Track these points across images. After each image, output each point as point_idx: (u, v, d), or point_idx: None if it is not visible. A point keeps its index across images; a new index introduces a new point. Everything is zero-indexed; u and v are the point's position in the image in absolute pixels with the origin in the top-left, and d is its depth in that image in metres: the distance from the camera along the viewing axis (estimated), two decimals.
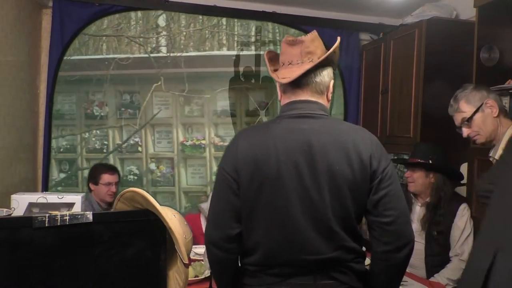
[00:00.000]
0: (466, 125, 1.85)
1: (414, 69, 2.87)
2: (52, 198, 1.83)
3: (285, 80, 1.33)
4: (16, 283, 1.14)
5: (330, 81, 1.39)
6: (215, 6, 3.38)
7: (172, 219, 1.30)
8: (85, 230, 1.22)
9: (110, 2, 3.21)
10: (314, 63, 1.32)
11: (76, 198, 1.86)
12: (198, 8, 3.37)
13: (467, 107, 1.84)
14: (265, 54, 1.46)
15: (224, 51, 3.51)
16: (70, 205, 1.85)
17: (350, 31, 3.63)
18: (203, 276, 1.99)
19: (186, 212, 3.30)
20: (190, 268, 1.91)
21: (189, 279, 1.47)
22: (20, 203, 1.81)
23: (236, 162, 1.29)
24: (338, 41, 1.36)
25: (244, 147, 1.30)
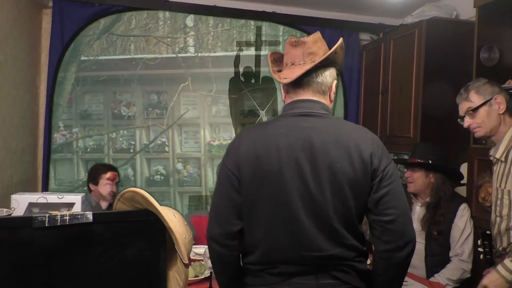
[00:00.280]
0: (470, 115, 1.85)
1: (414, 69, 2.87)
2: (52, 198, 1.83)
3: (285, 80, 1.34)
4: (16, 283, 1.14)
5: (333, 81, 1.39)
6: (215, 6, 3.38)
7: (172, 219, 1.30)
8: (85, 230, 1.22)
9: (110, 2, 3.21)
10: (315, 63, 1.32)
11: (76, 198, 1.86)
12: (198, 8, 3.37)
13: (476, 97, 1.84)
14: (268, 55, 1.47)
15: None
16: (70, 205, 1.85)
17: (350, 31, 3.63)
18: (203, 276, 1.99)
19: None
20: (190, 268, 1.91)
21: (189, 279, 1.47)
22: (20, 203, 1.81)
23: (238, 159, 1.30)
24: (339, 42, 1.36)
25: (246, 145, 1.31)
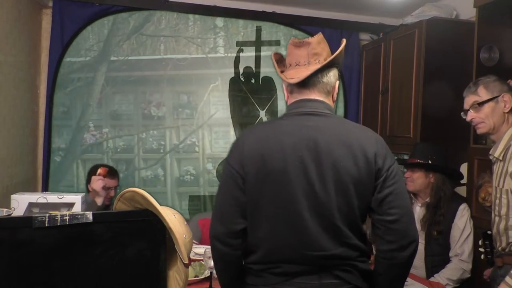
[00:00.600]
0: (475, 109, 1.85)
1: (414, 69, 2.87)
2: (52, 198, 1.83)
3: (293, 81, 1.33)
4: (16, 283, 1.14)
5: (336, 81, 1.40)
6: (215, 6, 3.38)
7: (172, 219, 1.30)
8: (85, 230, 1.22)
9: (110, 2, 3.21)
10: (321, 64, 1.33)
11: (76, 198, 1.86)
12: (198, 8, 3.37)
13: (484, 92, 1.84)
14: (272, 55, 1.47)
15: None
16: (70, 205, 1.85)
17: (350, 31, 3.63)
18: (203, 276, 1.99)
19: None
20: (190, 268, 1.91)
21: (189, 279, 1.47)
22: (20, 203, 1.81)
23: (242, 158, 1.30)
24: (344, 42, 1.37)
25: (251, 143, 1.31)
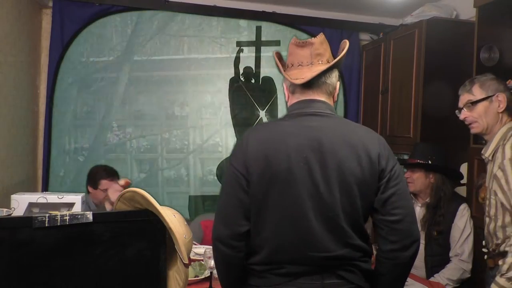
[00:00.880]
0: (468, 107, 1.83)
1: (414, 69, 2.87)
2: (52, 198, 1.83)
3: (298, 81, 1.32)
4: (16, 283, 1.14)
5: (337, 82, 1.40)
6: (215, 6, 3.38)
7: (172, 219, 1.30)
8: (85, 230, 1.22)
9: (110, 2, 3.22)
10: (325, 64, 1.32)
11: (76, 198, 1.86)
12: (198, 8, 3.37)
13: (478, 91, 1.82)
14: (274, 54, 1.46)
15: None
16: (70, 205, 1.85)
17: (350, 31, 3.63)
18: (203, 276, 1.99)
19: None
20: (190, 268, 1.91)
21: (189, 279, 1.47)
22: (20, 203, 1.81)
23: (246, 159, 1.28)
24: (348, 44, 1.37)
25: (254, 144, 1.30)
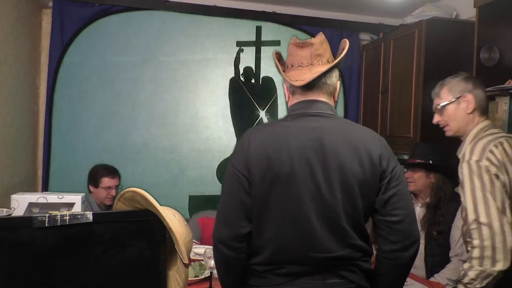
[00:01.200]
0: (438, 111, 1.82)
1: (414, 69, 2.87)
2: (52, 198, 1.83)
3: (298, 83, 1.31)
4: (16, 283, 1.14)
5: (337, 82, 1.39)
6: (215, 6, 3.38)
7: (172, 219, 1.30)
8: (85, 230, 1.22)
9: (110, 2, 3.22)
10: (325, 65, 1.32)
11: (76, 198, 1.86)
12: (198, 8, 3.37)
13: (446, 94, 1.80)
14: (273, 54, 1.45)
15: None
16: (70, 205, 1.85)
17: (350, 31, 3.63)
18: (203, 276, 1.99)
19: None
20: (190, 268, 1.91)
21: (189, 279, 1.47)
22: (20, 203, 1.81)
23: (247, 160, 1.28)
24: (348, 44, 1.36)
25: (256, 145, 1.29)
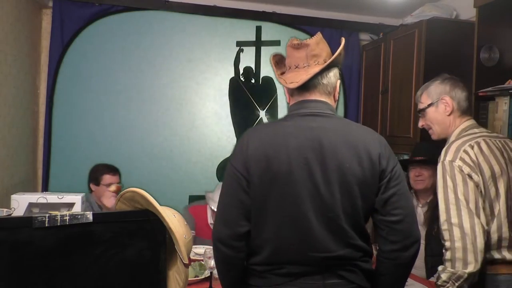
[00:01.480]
0: (421, 115, 1.84)
1: (414, 69, 2.87)
2: (52, 198, 1.83)
3: (293, 85, 1.32)
4: (16, 283, 1.14)
5: (337, 81, 1.39)
6: (215, 6, 3.38)
7: (172, 219, 1.30)
8: (85, 230, 1.22)
9: (110, 2, 3.21)
10: (321, 66, 1.32)
11: (76, 198, 1.86)
12: (198, 8, 3.37)
13: (425, 98, 1.81)
14: (271, 58, 1.45)
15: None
16: (70, 205, 1.85)
17: (350, 31, 3.63)
18: (203, 276, 1.99)
19: None
20: (190, 268, 1.91)
21: (189, 279, 1.47)
22: (20, 203, 1.81)
23: (246, 159, 1.28)
24: (343, 43, 1.35)
25: (254, 144, 1.30)
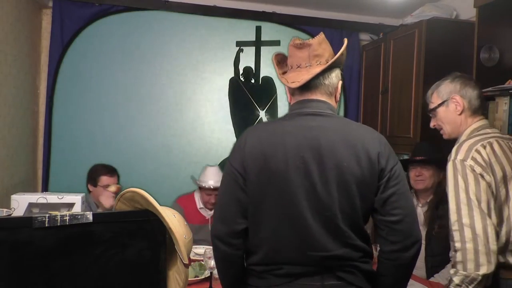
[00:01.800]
0: (432, 115, 1.81)
1: (414, 69, 2.87)
2: (52, 198, 1.83)
3: (294, 85, 1.32)
4: (16, 284, 1.14)
5: (338, 82, 1.39)
6: (215, 7, 3.38)
7: (172, 219, 1.30)
8: (85, 230, 1.22)
9: (110, 2, 3.21)
10: (323, 66, 1.32)
11: (76, 198, 1.86)
12: (198, 8, 3.37)
13: (436, 98, 1.78)
14: (273, 58, 1.45)
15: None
16: (70, 205, 1.85)
17: (350, 31, 3.63)
18: (203, 276, 1.99)
19: None
20: (190, 268, 1.91)
21: (189, 279, 1.47)
22: (20, 203, 1.81)
23: (243, 158, 1.29)
24: (346, 43, 1.36)
25: (252, 143, 1.30)
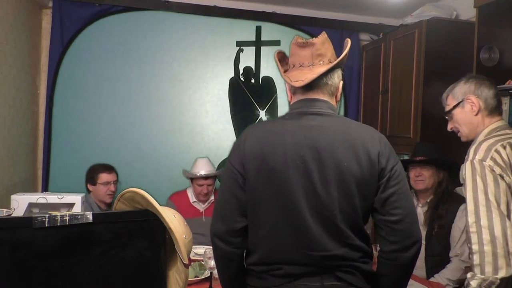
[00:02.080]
0: (449, 118, 1.79)
1: (414, 69, 2.87)
2: (52, 198, 1.83)
3: (298, 84, 1.31)
4: (16, 284, 1.14)
5: (340, 82, 1.38)
6: (215, 7, 3.38)
7: (172, 219, 1.30)
8: (85, 230, 1.22)
9: (110, 2, 3.22)
10: (326, 65, 1.31)
11: (76, 198, 1.86)
12: (198, 9, 3.37)
13: (451, 100, 1.76)
14: (275, 55, 1.44)
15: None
16: (70, 205, 1.85)
17: (350, 31, 3.63)
18: (203, 276, 1.99)
19: None
20: (190, 268, 1.91)
21: (189, 279, 1.47)
22: (20, 203, 1.81)
23: (242, 157, 1.29)
24: (349, 44, 1.35)
25: (252, 142, 1.30)
